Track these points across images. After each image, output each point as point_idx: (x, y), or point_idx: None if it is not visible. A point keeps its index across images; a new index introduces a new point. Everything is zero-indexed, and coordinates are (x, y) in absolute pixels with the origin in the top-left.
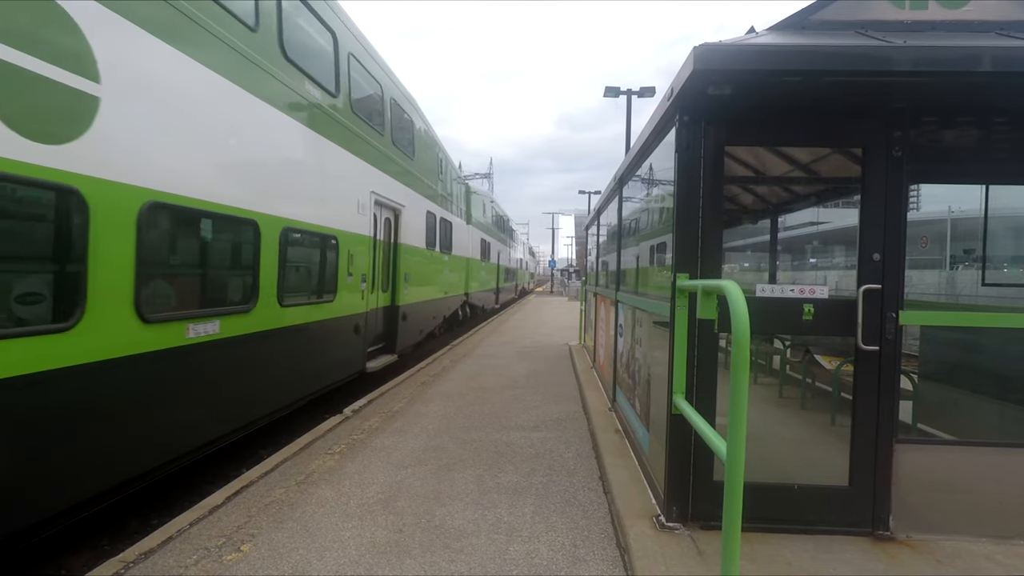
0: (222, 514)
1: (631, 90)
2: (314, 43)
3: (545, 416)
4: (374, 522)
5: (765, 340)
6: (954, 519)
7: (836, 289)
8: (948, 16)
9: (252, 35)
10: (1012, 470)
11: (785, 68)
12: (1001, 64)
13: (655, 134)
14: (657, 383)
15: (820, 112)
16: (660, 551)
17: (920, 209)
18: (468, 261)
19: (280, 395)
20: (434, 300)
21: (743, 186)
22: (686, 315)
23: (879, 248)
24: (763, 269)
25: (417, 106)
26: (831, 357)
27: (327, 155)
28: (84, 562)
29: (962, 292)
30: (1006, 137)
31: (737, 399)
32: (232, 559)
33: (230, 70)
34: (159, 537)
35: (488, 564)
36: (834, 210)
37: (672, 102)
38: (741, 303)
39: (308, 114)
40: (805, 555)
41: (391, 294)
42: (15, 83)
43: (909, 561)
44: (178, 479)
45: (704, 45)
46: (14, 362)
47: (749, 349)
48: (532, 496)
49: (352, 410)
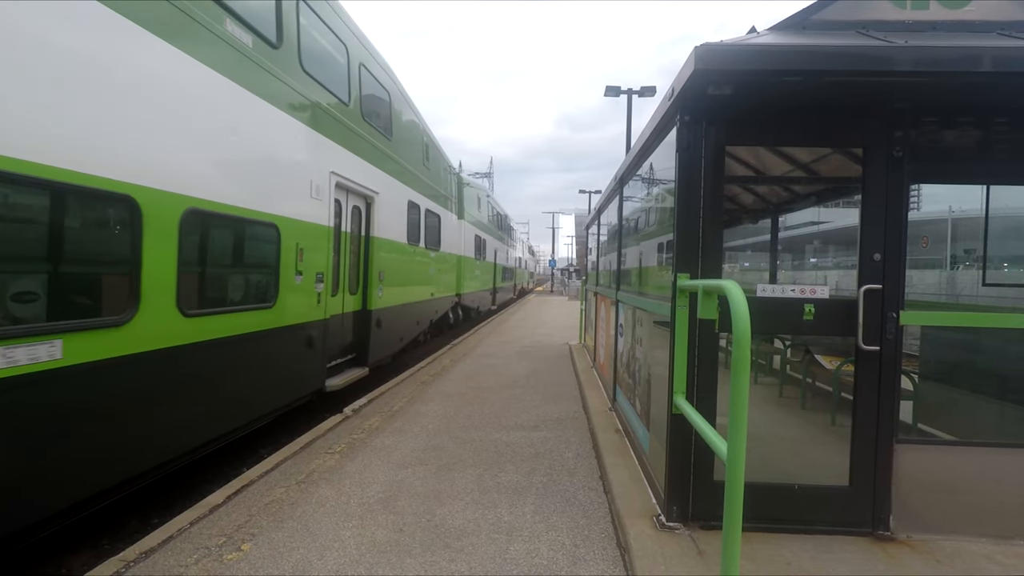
0: (222, 513)
1: (632, 89)
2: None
3: (545, 416)
4: (374, 521)
5: (765, 340)
6: (954, 519)
7: (836, 289)
8: (949, 16)
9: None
10: (1012, 470)
11: (786, 68)
12: (1002, 64)
13: (656, 134)
14: (657, 383)
15: (821, 112)
16: (660, 551)
17: (921, 209)
18: (460, 259)
19: (174, 438)
20: (417, 303)
21: (743, 186)
22: (687, 315)
23: (880, 248)
24: (763, 268)
25: (396, 79)
26: (831, 357)
27: (258, 116)
28: (84, 561)
29: (963, 292)
30: (1007, 137)
31: (738, 399)
32: (232, 558)
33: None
34: (159, 536)
35: (488, 564)
36: (834, 210)
37: (673, 102)
38: (742, 303)
39: (227, 59)
40: (805, 555)
41: (361, 296)
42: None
43: (909, 561)
44: (178, 478)
45: (705, 45)
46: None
47: (750, 349)
48: (532, 496)
49: (352, 409)
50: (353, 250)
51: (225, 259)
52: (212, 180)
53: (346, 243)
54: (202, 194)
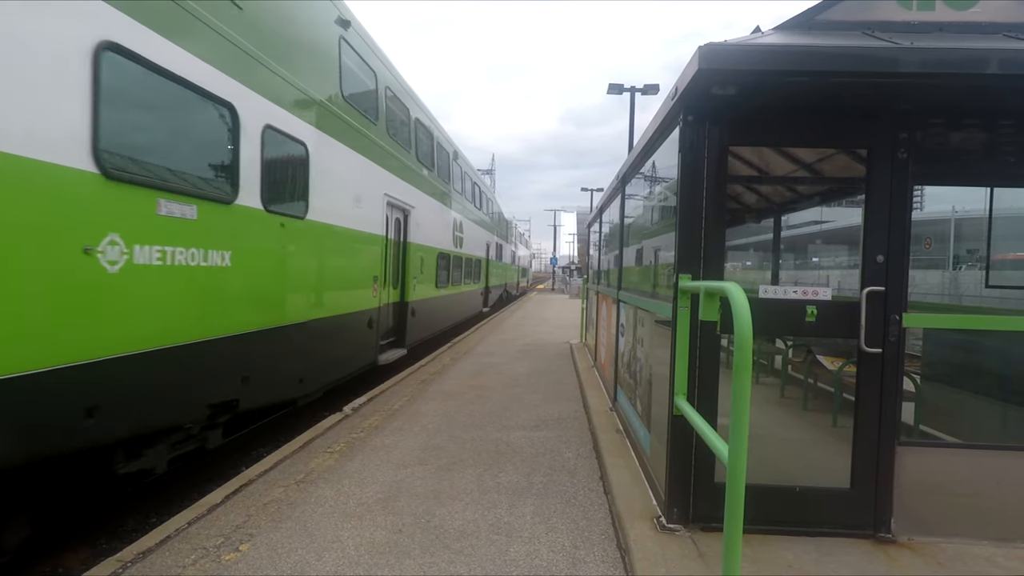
0: (221, 513)
1: (635, 87)
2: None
3: (546, 415)
4: (373, 522)
5: (767, 340)
6: (956, 522)
7: (839, 289)
8: (955, 17)
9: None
10: (1014, 473)
11: (791, 69)
12: (1008, 67)
13: (659, 133)
14: (659, 383)
15: (825, 113)
16: (661, 552)
17: (924, 209)
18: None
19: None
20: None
21: (747, 185)
22: (688, 316)
23: (883, 250)
24: (766, 268)
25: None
26: (833, 358)
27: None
28: (81, 560)
29: (966, 293)
30: (1012, 140)
31: (739, 402)
32: (230, 559)
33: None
34: (157, 536)
35: (488, 565)
36: (838, 209)
37: (676, 101)
38: (744, 305)
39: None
40: (806, 557)
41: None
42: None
43: (910, 564)
44: (177, 477)
45: (709, 45)
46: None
47: (752, 352)
48: (532, 496)
49: (352, 408)
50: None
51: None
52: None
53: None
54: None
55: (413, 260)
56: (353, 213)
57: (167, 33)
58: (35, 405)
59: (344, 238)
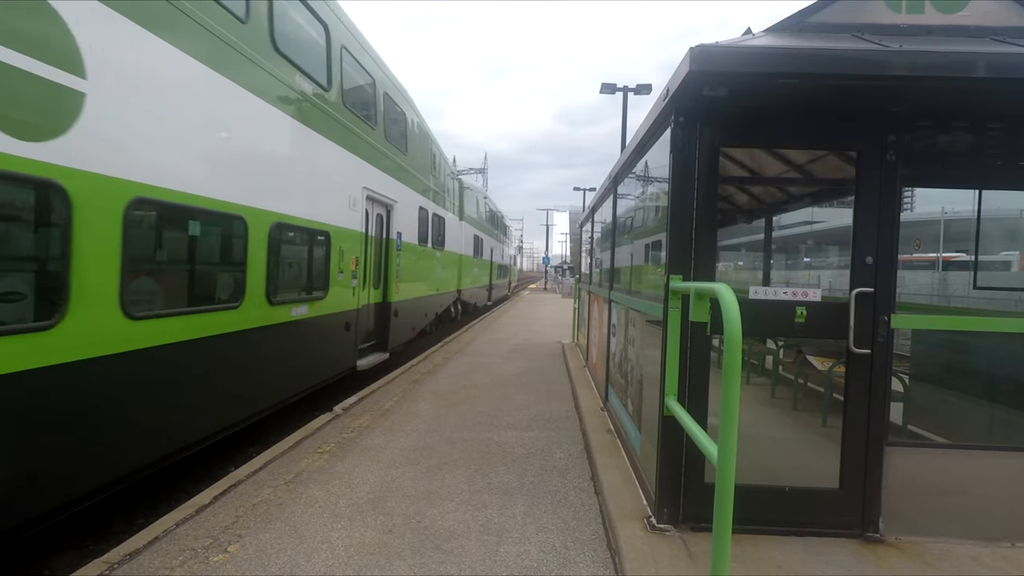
0: (209, 514)
1: (628, 87)
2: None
3: (537, 415)
4: (363, 523)
5: (758, 340)
6: (943, 522)
7: (830, 289)
8: (944, 20)
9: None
10: (1000, 473)
11: (781, 71)
12: (995, 70)
13: (650, 134)
14: (649, 384)
15: (815, 115)
16: (651, 553)
17: (913, 210)
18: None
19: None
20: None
21: (738, 186)
22: (679, 317)
23: (872, 252)
24: (757, 268)
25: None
26: (824, 358)
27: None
28: (68, 562)
29: (954, 294)
30: (999, 143)
31: (729, 403)
32: (219, 560)
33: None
34: (145, 537)
35: (478, 565)
36: (829, 210)
37: (668, 103)
38: (734, 307)
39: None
40: (795, 557)
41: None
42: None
43: (898, 563)
44: (164, 477)
45: (700, 46)
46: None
47: (741, 353)
48: (523, 497)
49: (342, 408)
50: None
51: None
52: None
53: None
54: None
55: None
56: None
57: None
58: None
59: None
